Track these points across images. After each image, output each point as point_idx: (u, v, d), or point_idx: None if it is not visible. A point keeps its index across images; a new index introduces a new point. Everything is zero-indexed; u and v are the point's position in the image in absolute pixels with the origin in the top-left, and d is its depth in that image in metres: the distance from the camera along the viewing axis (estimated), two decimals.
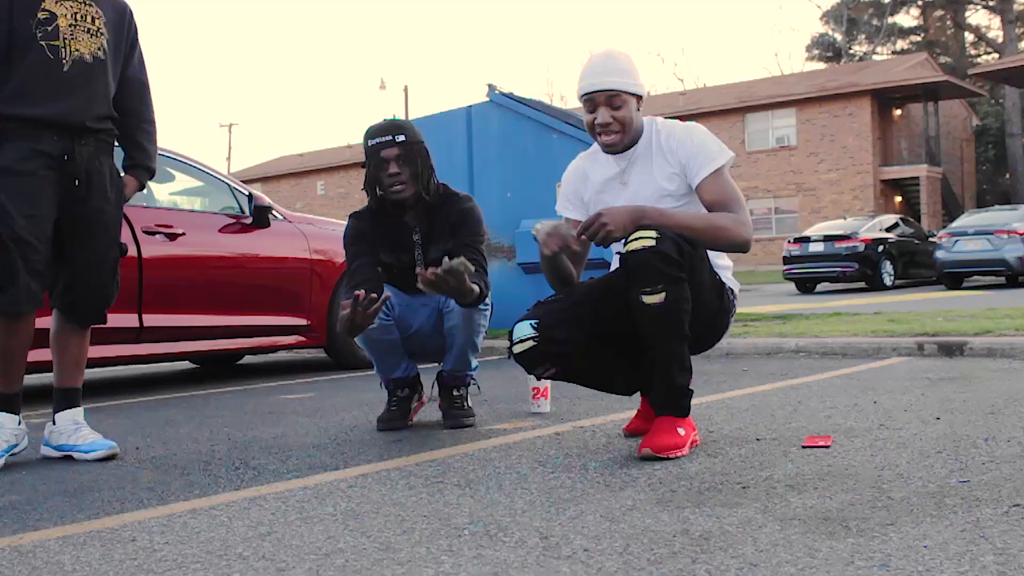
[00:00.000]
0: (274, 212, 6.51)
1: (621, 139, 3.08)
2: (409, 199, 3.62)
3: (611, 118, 3.04)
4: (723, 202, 2.99)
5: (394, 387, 3.78)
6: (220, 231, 6.22)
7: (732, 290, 3.17)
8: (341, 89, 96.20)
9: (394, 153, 3.57)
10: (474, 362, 3.75)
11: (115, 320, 5.56)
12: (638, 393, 3.33)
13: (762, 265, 32.04)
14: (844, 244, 17.97)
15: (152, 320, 5.70)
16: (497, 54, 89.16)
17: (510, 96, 8.54)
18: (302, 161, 49.44)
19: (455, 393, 3.79)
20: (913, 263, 18.96)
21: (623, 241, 2.89)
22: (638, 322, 2.88)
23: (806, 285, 18.80)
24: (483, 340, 3.73)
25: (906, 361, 5.56)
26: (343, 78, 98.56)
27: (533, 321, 3.04)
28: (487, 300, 3.59)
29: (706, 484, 2.51)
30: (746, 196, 27.96)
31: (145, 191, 6.32)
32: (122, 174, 3.50)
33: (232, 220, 6.31)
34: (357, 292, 3.19)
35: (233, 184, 6.50)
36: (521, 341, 3.04)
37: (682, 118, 3.99)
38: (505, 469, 2.83)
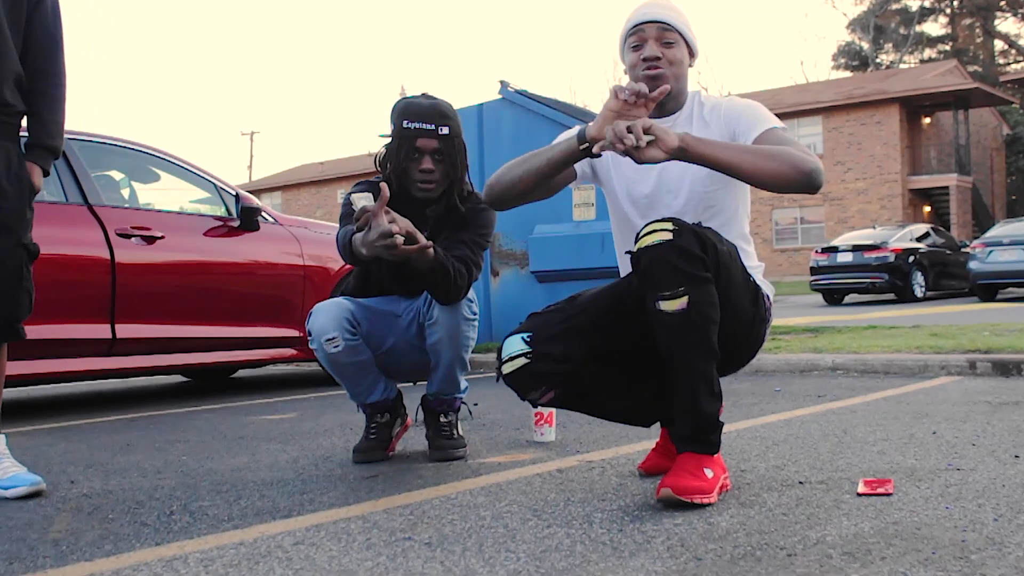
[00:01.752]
0: (264, 214, 6.01)
1: (668, 79, 2.50)
2: (433, 197, 3.10)
3: (660, 52, 2.52)
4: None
5: (372, 412, 3.24)
6: (204, 234, 5.72)
7: (767, 296, 2.62)
8: (362, 97, 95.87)
9: (433, 146, 3.02)
10: (463, 382, 3.21)
11: (84, 331, 5.13)
12: (657, 424, 2.79)
13: (788, 276, 31.33)
14: (873, 254, 17.30)
15: (126, 331, 5.21)
16: (519, 62, 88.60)
17: (523, 93, 8.01)
18: (322, 170, 49.04)
19: (443, 419, 3.25)
20: (945, 274, 18.26)
21: (634, 236, 2.36)
22: (655, 335, 2.35)
23: (834, 296, 18.15)
24: (470, 355, 3.19)
25: (957, 381, 4.99)
26: (364, 86, 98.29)
27: (526, 334, 2.51)
28: (474, 310, 3.06)
29: (740, 549, 1.96)
30: (771, 206, 27.11)
31: (127, 192, 5.90)
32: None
33: (218, 222, 5.81)
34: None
35: (220, 183, 5.99)
36: (512, 359, 2.50)
37: None
38: (491, 520, 2.30)
